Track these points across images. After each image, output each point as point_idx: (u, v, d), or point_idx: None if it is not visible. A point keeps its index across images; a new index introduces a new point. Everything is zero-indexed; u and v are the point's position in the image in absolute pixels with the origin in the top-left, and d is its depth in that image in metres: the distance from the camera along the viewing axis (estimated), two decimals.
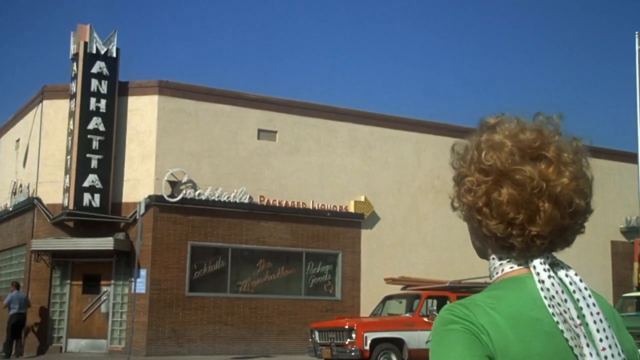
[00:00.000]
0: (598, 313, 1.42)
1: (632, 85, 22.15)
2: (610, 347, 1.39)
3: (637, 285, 23.62)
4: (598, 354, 1.37)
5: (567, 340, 1.38)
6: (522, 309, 1.40)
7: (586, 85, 62.14)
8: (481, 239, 1.53)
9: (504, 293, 1.44)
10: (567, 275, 1.47)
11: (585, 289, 1.45)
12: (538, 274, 1.44)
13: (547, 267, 1.45)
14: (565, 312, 1.39)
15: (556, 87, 61.87)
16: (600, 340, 1.39)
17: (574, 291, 1.44)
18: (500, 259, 1.50)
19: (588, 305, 1.42)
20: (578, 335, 1.38)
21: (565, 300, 1.41)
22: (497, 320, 1.38)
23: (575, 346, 1.37)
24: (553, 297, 1.40)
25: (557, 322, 1.38)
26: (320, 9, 63.77)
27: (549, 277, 1.43)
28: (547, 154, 1.45)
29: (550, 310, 1.39)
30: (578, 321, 1.39)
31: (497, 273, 1.50)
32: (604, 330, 1.40)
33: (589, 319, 1.41)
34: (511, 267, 1.48)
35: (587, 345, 1.37)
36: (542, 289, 1.42)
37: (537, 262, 1.45)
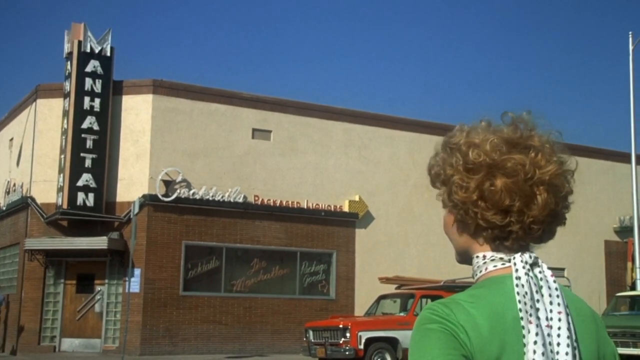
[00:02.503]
0: (560, 312, 1.44)
1: (625, 85, 22.22)
2: (567, 345, 1.41)
3: (630, 284, 23.70)
4: (544, 354, 1.38)
5: (523, 336, 1.40)
6: (502, 309, 1.42)
7: (580, 85, 62.31)
8: (473, 233, 1.52)
9: (484, 292, 1.45)
10: (540, 272, 1.48)
11: (556, 289, 1.47)
12: (517, 270, 1.46)
13: (527, 265, 1.47)
14: (536, 310, 1.41)
15: (550, 87, 62.03)
16: (561, 335, 1.42)
17: (542, 287, 1.46)
18: (484, 257, 1.51)
19: (551, 303, 1.44)
20: (529, 332, 1.39)
21: (538, 300, 1.43)
22: (477, 319, 1.40)
23: (524, 344, 1.39)
24: (526, 293, 1.42)
25: (521, 318, 1.40)
26: (315, 9, 63.76)
27: (526, 274, 1.45)
28: (533, 144, 1.50)
29: (519, 305, 1.41)
30: (545, 322, 1.41)
31: (480, 272, 1.52)
32: (573, 331, 1.43)
33: (554, 315, 1.43)
34: (494, 266, 1.50)
35: (535, 343, 1.39)
36: (517, 285, 1.44)
37: (518, 259, 1.47)
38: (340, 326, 15.91)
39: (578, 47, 63.42)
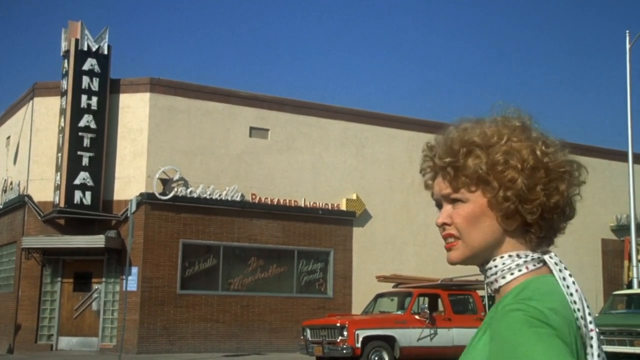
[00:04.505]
0: (589, 306, 1.44)
1: (622, 84, 22.24)
2: (598, 336, 1.42)
3: (627, 283, 23.74)
4: (599, 355, 1.38)
5: (581, 337, 1.38)
6: (566, 311, 1.38)
7: (577, 83, 62.37)
8: (513, 231, 1.47)
9: (548, 294, 1.39)
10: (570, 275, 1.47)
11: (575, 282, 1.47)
12: (560, 270, 1.44)
13: (563, 264, 1.46)
14: (578, 310, 1.40)
15: (547, 85, 62.08)
16: (591, 330, 1.41)
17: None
18: (518, 256, 1.47)
19: (584, 299, 1.44)
20: (587, 335, 1.39)
21: (581, 300, 1.41)
22: (560, 322, 1.34)
23: (584, 346, 1.39)
24: (572, 294, 1.41)
25: (577, 319, 1.38)
26: (312, 7, 63.74)
27: (570, 275, 1.44)
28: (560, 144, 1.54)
29: (573, 306, 1.39)
30: (589, 318, 1.40)
31: (518, 272, 1.46)
32: (593, 321, 1.43)
33: (586, 310, 1.42)
34: (534, 265, 1.46)
35: (591, 347, 1.38)
36: (564, 286, 1.42)
37: (556, 259, 1.46)
38: (338, 324, 15.89)
39: (575, 45, 63.50)
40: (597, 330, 1.41)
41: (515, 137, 1.49)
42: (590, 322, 1.40)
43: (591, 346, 1.38)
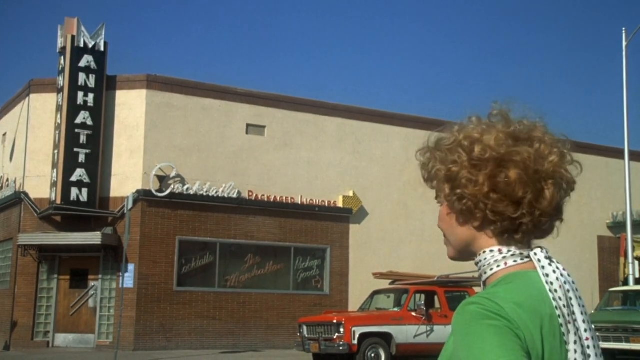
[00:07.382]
0: (583, 306, 1.44)
1: (619, 81, 22.25)
2: (593, 338, 1.42)
3: (623, 280, 23.79)
4: (583, 352, 1.39)
5: (563, 334, 1.39)
6: (538, 304, 1.40)
7: (574, 80, 62.45)
8: (479, 226, 1.49)
9: (519, 288, 1.42)
10: (559, 269, 1.47)
11: (573, 282, 1.47)
12: (543, 267, 1.45)
13: (548, 260, 1.46)
14: (564, 306, 1.40)
15: (544, 82, 62.13)
16: (585, 330, 1.41)
17: (566, 282, 1.45)
18: (500, 251, 1.48)
19: (576, 297, 1.44)
20: (569, 331, 1.40)
21: (571, 298, 1.42)
22: (523, 316, 1.36)
23: (566, 342, 1.39)
24: (556, 290, 1.41)
25: (559, 316, 1.39)
26: (309, 4, 63.70)
27: (554, 271, 1.44)
28: (536, 135, 1.50)
29: (554, 303, 1.40)
30: (573, 317, 1.41)
31: (497, 267, 1.48)
32: (589, 322, 1.43)
33: (576, 310, 1.42)
34: (515, 261, 1.47)
35: (575, 342, 1.39)
36: (547, 282, 1.42)
37: (540, 255, 1.47)
38: (334, 321, 15.90)
39: (572, 43, 63.56)
40: (580, 324, 1.41)
41: (469, 133, 1.52)
42: (583, 320, 1.41)
43: (576, 342, 1.40)
